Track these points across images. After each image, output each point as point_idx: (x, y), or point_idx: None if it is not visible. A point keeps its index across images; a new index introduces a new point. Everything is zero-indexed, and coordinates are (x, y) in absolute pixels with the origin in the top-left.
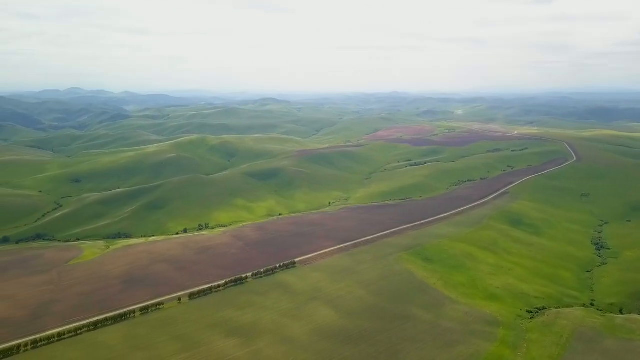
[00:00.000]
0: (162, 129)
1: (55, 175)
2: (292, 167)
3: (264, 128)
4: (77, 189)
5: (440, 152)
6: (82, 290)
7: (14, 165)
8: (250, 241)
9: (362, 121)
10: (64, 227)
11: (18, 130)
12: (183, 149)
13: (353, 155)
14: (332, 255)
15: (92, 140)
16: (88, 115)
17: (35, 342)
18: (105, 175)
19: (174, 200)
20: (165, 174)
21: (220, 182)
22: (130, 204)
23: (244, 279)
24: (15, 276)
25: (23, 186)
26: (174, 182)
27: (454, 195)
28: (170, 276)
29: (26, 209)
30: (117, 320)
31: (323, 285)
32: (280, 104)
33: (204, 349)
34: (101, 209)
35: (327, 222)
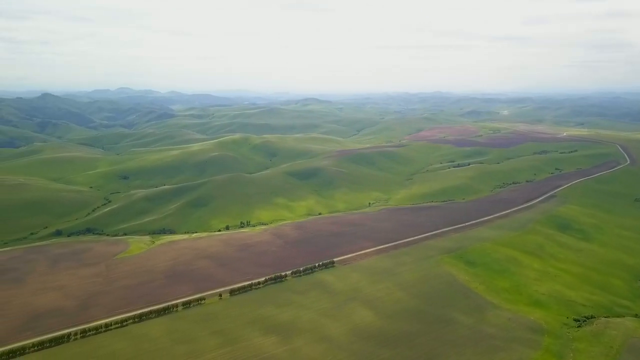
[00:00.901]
0: (206, 128)
1: (105, 172)
2: (332, 166)
3: (305, 128)
4: (125, 185)
5: (484, 154)
6: (128, 283)
7: (67, 161)
8: (290, 240)
9: (404, 121)
10: (113, 221)
11: (71, 129)
12: (226, 147)
13: (394, 155)
14: (371, 256)
15: (139, 138)
16: (136, 114)
17: (84, 331)
18: (151, 173)
19: (216, 198)
20: (209, 172)
21: (262, 180)
22: (174, 201)
23: (284, 277)
24: (67, 268)
25: (75, 182)
26: (217, 180)
27: (498, 198)
28: (212, 272)
29: (78, 204)
30: (161, 313)
31: (362, 286)
32: (321, 104)
33: (243, 345)
34: (147, 205)
35: (366, 223)
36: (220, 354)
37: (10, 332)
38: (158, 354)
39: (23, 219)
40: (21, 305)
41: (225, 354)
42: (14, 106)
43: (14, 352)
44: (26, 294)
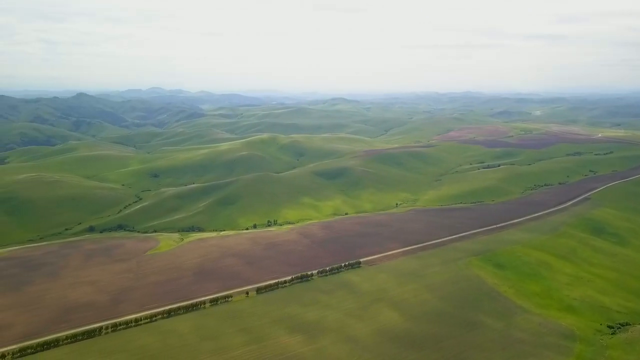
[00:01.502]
0: (235, 127)
1: (136, 170)
2: (359, 166)
3: (332, 127)
4: (155, 183)
5: (515, 155)
6: (158, 279)
7: (100, 159)
8: (317, 239)
9: (432, 121)
10: (143, 219)
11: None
12: (254, 147)
13: (422, 155)
14: (398, 257)
15: (170, 137)
16: (167, 113)
17: (115, 325)
18: (181, 171)
19: (244, 197)
20: (237, 171)
21: (289, 180)
22: (203, 199)
23: (310, 276)
24: (99, 263)
25: (108, 179)
26: (245, 179)
27: (529, 200)
28: (239, 270)
29: (110, 201)
30: (189, 309)
31: (388, 287)
32: (349, 104)
33: (269, 343)
34: (177, 203)
35: (393, 224)
36: (246, 351)
37: (44, 324)
38: (185, 349)
39: (58, 215)
40: (55, 298)
41: (251, 352)
42: (51, 105)
43: (48, 344)
44: (60, 288)
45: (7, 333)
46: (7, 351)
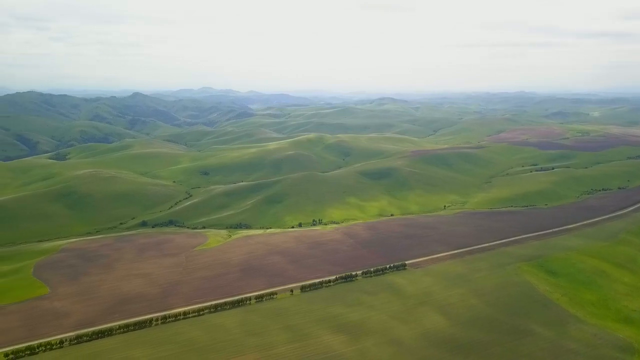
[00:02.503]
0: (283, 127)
1: (187, 168)
2: (406, 167)
3: (379, 127)
4: (205, 180)
5: (570, 157)
6: (205, 274)
7: (154, 157)
8: (362, 240)
9: (483, 122)
10: (193, 215)
11: (158, 126)
12: (301, 146)
13: (472, 157)
14: (444, 260)
15: (220, 136)
16: (217, 112)
17: (165, 318)
18: (230, 169)
19: (291, 196)
20: (284, 170)
21: (335, 179)
22: (251, 197)
23: (354, 277)
24: (151, 257)
25: (160, 176)
26: (292, 178)
27: (586, 205)
28: (284, 268)
29: (162, 197)
30: (235, 305)
31: (434, 291)
32: (397, 103)
33: (312, 342)
34: (225, 200)
35: (441, 226)
36: (289, 348)
37: (99, 314)
38: (231, 344)
39: (114, 210)
40: (110, 289)
41: (294, 349)
42: (109, 104)
43: (102, 333)
44: (114, 279)
45: (65, 321)
46: (65, 338)
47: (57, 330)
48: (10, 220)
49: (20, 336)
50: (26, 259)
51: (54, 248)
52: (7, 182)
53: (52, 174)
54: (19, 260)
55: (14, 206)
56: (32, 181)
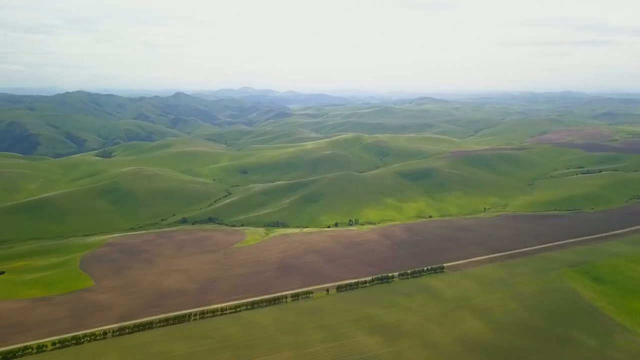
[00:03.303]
0: (321, 127)
1: (226, 166)
2: (446, 168)
3: (418, 127)
4: (244, 179)
5: (619, 160)
6: (243, 271)
7: (194, 155)
8: (399, 241)
9: (527, 122)
10: (232, 213)
11: (199, 125)
12: (338, 146)
13: (514, 158)
14: (484, 264)
15: (258, 135)
16: (256, 112)
17: (203, 313)
18: (268, 168)
19: (327, 195)
20: (321, 170)
21: (372, 180)
22: (288, 196)
23: (390, 278)
24: (190, 253)
25: (201, 174)
26: (329, 178)
27: (635, 210)
28: (320, 267)
29: (202, 195)
30: (271, 303)
31: (472, 294)
32: (436, 103)
33: (347, 342)
34: (263, 199)
35: (480, 229)
36: (324, 348)
37: (141, 308)
38: (267, 341)
39: (156, 206)
40: (151, 283)
41: (329, 349)
42: (152, 104)
43: (143, 326)
44: (155, 274)
45: (109, 313)
46: (109, 329)
47: (101, 321)
48: (60, 214)
49: (67, 326)
50: (73, 252)
51: (99, 242)
52: (58, 178)
53: (98, 170)
54: (67, 253)
55: (63, 201)
56: (79, 177)
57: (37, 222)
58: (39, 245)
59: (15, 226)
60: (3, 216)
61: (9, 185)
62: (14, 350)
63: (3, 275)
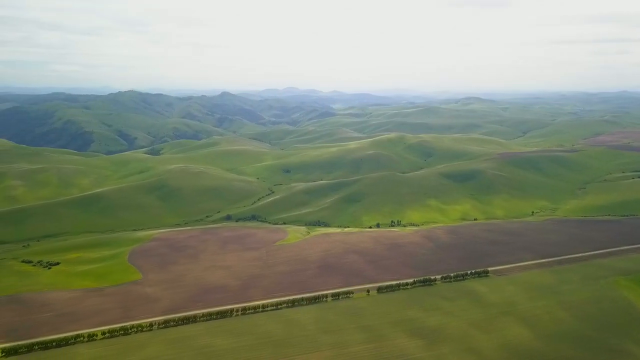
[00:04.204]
0: (364, 126)
1: (270, 165)
2: (492, 170)
3: (464, 128)
4: (287, 178)
5: None
6: (284, 269)
7: (239, 154)
8: (442, 243)
9: (579, 123)
10: (274, 211)
11: (244, 124)
12: (381, 146)
13: (565, 160)
14: (531, 269)
15: (302, 135)
16: (300, 112)
17: (245, 309)
18: (311, 168)
19: (369, 195)
20: (364, 170)
21: (415, 180)
22: (330, 195)
23: (432, 281)
24: (234, 250)
25: (245, 172)
26: (371, 178)
27: None
28: (361, 267)
29: (246, 193)
30: (311, 301)
31: (518, 300)
32: (484, 103)
33: (387, 344)
34: (305, 198)
35: (528, 233)
36: (364, 349)
37: (185, 301)
38: (306, 340)
39: (201, 203)
40: (195, 278)
41: (369, 350)
42: (199, 103)
43: (187, 319)
44: (199, 270)
45: (155, 306)
46: (155, 321)
47: (147, 314)
48: (111, 209)
49: (116, 317)
50: (123, 246)
51: (146, 237)
52: (109, 174)
53: (147, 167)
54: (117, 247)
55: (114, 197)
56: (130, 174)
57: (90, 216)
58: (92, 238)
59: (70, 219)
60: (60, 209)
61: (65, 180)
62: (67, 337)
63: (59, 266)
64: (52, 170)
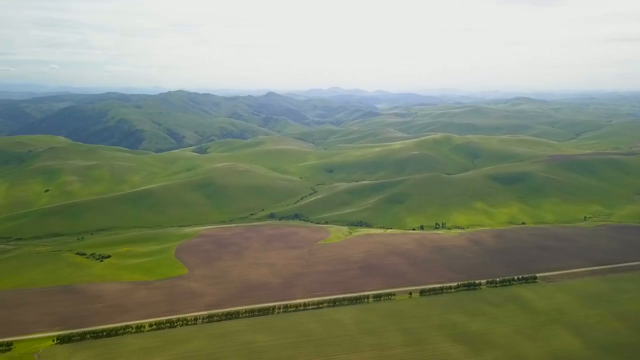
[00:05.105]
0: (409, 126)
1: (313, 165)
2: (542, 172)
3: (513, 129)
4: (329, 177)
5: None
6: (326, 268)
7: (283, 153)
8: (488, 247)
9: (637, 125)
10: (316, 210)
11: (289, 124)
12: (426, 147)
13: (621, 164)
14: (582, 276)
15: (345, 135)
16: (344, 112)
17: (286, 307)
18: (354, 167)
19: (413, 196)
20: (408, 170)
21: (461, 182)
22: (373, 196)
23: (477, 286)
24: (276, 248)
25: (289, 172)
26: (415, 179)
27: None
28: (403, 270)
29: (289, 192)
30: (352, 302)
31: (568, 309)
32: (534, 103)
33: (428, 347)
34: (348, 198)
35: (579, 239)
36: (405, 351)
37: (229, 297)
38: (347, 340)
39: (246, 201)
40: (238, 275)
41: (410, 353)
42: (246, 103)
43: (230, 315)
44: (243, 266)
45: (200, 300)
46: (199, 316)
47: (192, 308)
48: (159, 205)
49: (162, 310)
50: (170, 241)
51: (193, 233)
52: (158, 171)
53: (195, 165)
54: (165, 242)
55: (162, 193)
56: (177, 171)
57: (140, 211)
58: (141, 233)
59: (121, 214)
60: (112, 205)
61: (117, 176)
62: (116, 328)
63: (110, 259)
64: (105, 167)
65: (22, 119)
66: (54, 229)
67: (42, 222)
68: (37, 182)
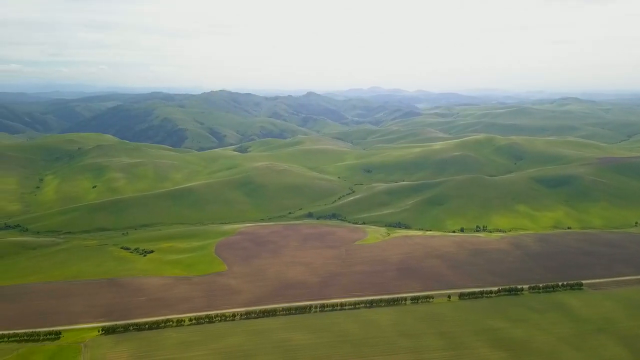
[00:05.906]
0: (450, 127)
1: (351, 165)
2: (590, 175)
3: (559, 130)
4: (367, 178)
5: None
6: (363, 269)
7: (321, 153)
8: (531, 252)
9: None
10: (354, 210)
11: (327, 124)
12: (468, 147)
13: None
14: (632, 284)
15: (384, 135)
16: (384, 112)
17: (323, 306)
18: (393, 168)
19: (453, 198)
20: (448, 172)
21: (503, 185)
22: (412, 197)
23: (519, 291)
24: (314, 247)
25: (327, 171)
26: (456, 180)
27: None
28: (442, 272)
29: (327, 191)
30: (389, 303)
31: (616, 318)
32: (582, 104)
33: (467, 352)
34: (386, 198)
35: (630, 245)
36: (442, 356)
37: (266, 295)
38: (383, 341)
39: (284, 200)
40: (276, 273)
41: (447, 357)
42: (286, 103)
43: (267, 312)
44: (280, 264)
45: (238, 297)
46: (237, 312)
47: (230, 304)
48: (201, 203)
49: (202, 305)
50: (210, 238)
51: (232, 230)
52: (200, 169)
53: (235, 164)
54: (205, 239)
55: (203, 191)
56: (218, 170)
57: (182, 208)
58: (182, 230)
59: (164, 211)
60: (155, 201)
61: (161, 174)
62: (158, 321)
63: (153, 254)
64: (149, 164)
65: (73, 118)
66: (100, 223)
67: (90, 217)
68: (86, 178)
